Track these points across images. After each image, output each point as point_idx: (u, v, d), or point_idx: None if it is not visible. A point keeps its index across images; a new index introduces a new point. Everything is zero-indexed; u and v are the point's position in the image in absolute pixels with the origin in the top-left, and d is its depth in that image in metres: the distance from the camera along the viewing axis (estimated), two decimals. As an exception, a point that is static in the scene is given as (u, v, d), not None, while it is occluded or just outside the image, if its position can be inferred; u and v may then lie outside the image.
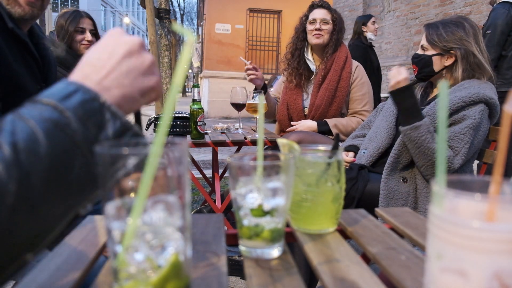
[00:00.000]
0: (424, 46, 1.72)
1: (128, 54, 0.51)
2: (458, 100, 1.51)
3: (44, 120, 0.42)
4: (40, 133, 0.41)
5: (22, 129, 0.40)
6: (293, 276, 0.54)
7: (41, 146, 0.40)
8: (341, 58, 2.38)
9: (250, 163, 0.58)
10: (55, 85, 0.46)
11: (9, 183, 0.38)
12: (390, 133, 1.72)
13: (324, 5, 2.43)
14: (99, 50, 0.51)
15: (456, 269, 0.34)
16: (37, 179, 0.39)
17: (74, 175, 0.42)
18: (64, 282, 0.53)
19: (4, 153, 0.39)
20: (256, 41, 12.42)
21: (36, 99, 0.44)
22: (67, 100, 0.44)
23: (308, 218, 0.70)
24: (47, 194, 0.40)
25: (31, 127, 0.41)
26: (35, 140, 0.40)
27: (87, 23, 2.42)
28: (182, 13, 37.30)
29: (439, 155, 0.37)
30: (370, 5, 8.95)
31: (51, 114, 0.42)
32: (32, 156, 0.39)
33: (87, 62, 0.50)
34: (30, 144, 0.40)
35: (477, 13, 6.36)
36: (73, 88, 0.45)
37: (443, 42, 1.65)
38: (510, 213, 0.34)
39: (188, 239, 0.43)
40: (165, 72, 5.95)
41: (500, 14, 3.42)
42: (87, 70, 0.49)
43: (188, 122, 2.18)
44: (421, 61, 1.72)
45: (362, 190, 1.54)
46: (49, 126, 0.41)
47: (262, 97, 0.70)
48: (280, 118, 2.50)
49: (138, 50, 0.52)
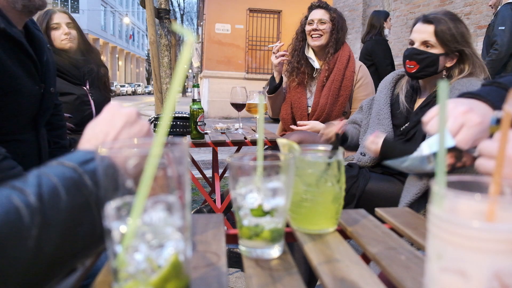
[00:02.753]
0: (429, 43, 1.56)
1: (127, 123, 0.58)
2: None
3: (65, 178, 0.47)
4: (62, 190, 0.45)
5: (47, 183, 0.45)
6: (293, 276, 0.54)
7: (62, 200, 0.45)
8: (344, 57, 2.38)
9: (250, 163, 0.58)
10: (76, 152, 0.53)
11: (32, 229, 0.41)
12: (388, 136, 1.69)
13: (322, 5, 2.42)
14: (100, 123, 0.58)
15: (456, 269, 0.34)
16: (54, 228, 0.43)
17: (82, 231, 0.46)
18: (64, 282, 0.53)
19: (30, 201, 0.43)
20: (256, 41, 12.42)
21: (59, 161, 0.50)
22: (85, 165, 0.49)
23: (308, 218, 0.70)
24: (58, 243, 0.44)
25: (54, 183, 0.45)
26: (57, 194, 0.45)
27: (61, 17, 2.35)
28: (182, 13, 37.30)
29: (439, 155, 0.37)
30: (370, 5, 8.94)
31: (71, 175, 0.48)
32: (54, 208, 0.44)
33: (92, 135, 0.57)
34: (53, 197, 0.44)
35: (477, 13, 6.36)
36: (91, 156, 0.51)
37: (454, 43, 1.54)
38: (510, 213, 0.34)
39: (188, 239, 0.43)
40: (165, 72, 5.95)
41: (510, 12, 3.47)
42: (94, 142, 0.56)
43: (188, 122, 2.18)
44: (426, 59, 1.56)
45: (362, 188, 1.54)
46: (69, 185, 0.46)
47: (262, 97, 0.70)
48: (283, 117, 2.50)
49: (136, 120, 0.59)
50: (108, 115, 0.58)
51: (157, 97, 5.42)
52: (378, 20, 4.36)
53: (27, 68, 1.15)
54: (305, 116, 2.42)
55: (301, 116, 2.42)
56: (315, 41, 2.37)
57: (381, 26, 4.34)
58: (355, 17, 9.26)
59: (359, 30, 9.05)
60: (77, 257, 0.47)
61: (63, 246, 0.44)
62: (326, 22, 2.36)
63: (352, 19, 9.15)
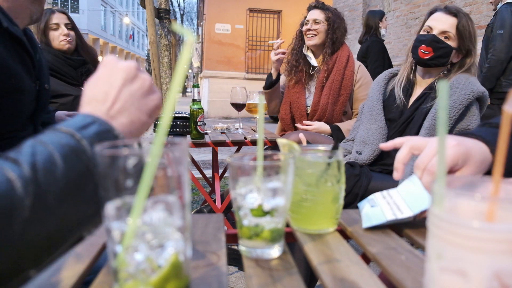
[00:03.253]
0: (449, 34, 1.56)
1: (127, 80, 0.54)
2: (457, 104, 1.49)
3: (62, 145, 0.45)
4: (58, 157, 0.44)
5: (42, 152, 0.44)
6: (293, 276, 0.54)
7: (58, 168, 0.43)
8: (343, 57, 2.38)
9: (250, 163, 0.58)
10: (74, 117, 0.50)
11: (25, 199, 0.40)
12: (382, 133, 1.68)
13: (318, 5, 2.45)
14: (98, 82, 0.54)
15: (456, 269, 0.34)
16: (52, 197, 0.42)
17: (84, 197, 0.45)
18: (64, 282, 0.53)
19: (23, 171, 0.41)
20: (256, 41, 12.42)
21: (56, 127, 0.48)
22: (84, 130, 0.48)
23: (308, 218, 0.70)
24: (59, 212, 0.43)
25: (50, 151, 0.44)
26: (53, 162, 0.43)
27: (60, 18, 2.34)
28: (182, 13, 37.30)
29: (439, 155, 0.37)
30: (370, 5, 8.94)
31: (69, 141, 0.46)
32: (49, 176, 0.43)
33: (91, 97, 0.54)
34: (48, 165, 0.43)
35: (477, 13, 6.36)
36: (90, 120, 0.49)
37: (467, 41, 1.55)
38: (510, 213, 0.34)
39: (188, 239, 0.43)
40: (165, 72, 5.95)
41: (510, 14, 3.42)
42: (93, 104, 0.53)
43: (188, 122, 2.18)
44: (442, 49, 1.56)
45: (366, 187, 1.53)
46: (66, 152, 0.45)
47: (262, 97, 0.70)
48: (282, 117, 2.50)
49: (136, 74, 0.55)
50: (105, 72, 0.55)
51: (157, 97, 5.40)
52: (373, 20, 4.35)
53: (27, 66, 1.17)
54: (304, 116, 2.42)
55: (300, 116, 2.42)
56: (309, 40, 2.40)
57: (377, 26, 4.33)
58: (355, 17, 9.26)
59: (359, 30, 9.04)
60: (82, 224, 0.46)
61: (66, 214, 0.44)
62: (321, 22, 2.38)
63: (352, 19, 9.15)
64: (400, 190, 0.77)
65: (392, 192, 0.77)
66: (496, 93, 3.62)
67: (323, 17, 2.38)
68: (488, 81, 3.60)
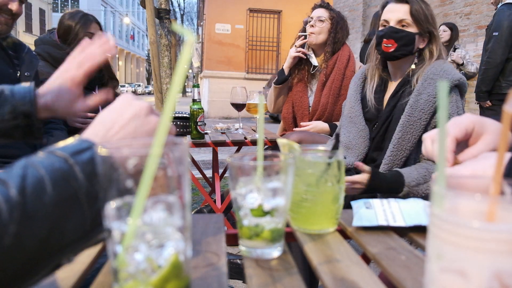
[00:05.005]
0: (405, 21, 1.55)
1: (135, 116, 0.56)
2: (431, 98, 1.46)
3: (54, 170, 0.44)
4: (48, 181, 0.43)
5: (32, 175, 0.42)
6: (293, 276, 0.54)
7: (47, 194, 0.42)
8: (344, 57, 2.39)
9: (250, 163, 0.58)
10: (71, 140, 0.50)
11: (10, 225, 0.39)
12: (363, 135, 1.64)
13: (322, 4, 2.46)
14: (110, 112, 0.56)
15: (456, 269, 0.34)
16: (38, 224, 0.41)
17: (70, 225, 0.44)
18: (64, 282, 0.53)
19: (10, 195, 0.40)
20: (256, 41, 12.43)
21: (50, 150, 0.47)
22: (78, 156, 0.46)
23: (308, 218, 0.70)
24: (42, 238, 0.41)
25: (41, 175, 0.43)
26: (42, 187, 0.42)
27: (95, 28, 2.35)
28: (182, 13, 37.31)
29: (439, 155, 0.37)
30: (370, 5, 8.94)
31: (61, 166, 0.45)
32: (38, 202, 0.41)
33: (99, 122, 0.55)
34: (37, 190, 0.42)
35: (477, 13, 6.36)
36: (85, 145, 0.48)
37: (426, 23, 1.55)
38: (510, 213, 0.34)
39: (188, 239, 0.43)
40: (165, 72, 5.95)
41: (506, 16, 3.40)
42: (97, 128, 0.54)
43: (188, 122, 2.18)
44: (404, 37, 1.55)
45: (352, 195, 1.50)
46: (57, 176, 0.43)
47: (262, 97, 0.70)
48: (284, 116, 2.51)
49: (145, 113, 0.56)
50: (118, 105, 0.57)
51: (157, 97, 5.42)
52: (375, 21, 4.37)
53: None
54: (306, 115, 2.42)
55: (302, 115, 2.43)
56: (311, 38, 2.40)
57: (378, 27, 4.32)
58: (355, 17, 9.26)
59: (359, 30, 9.05)
60: (64, 252, 0.45)
61: (49, 241, 0.42)
62: (325, 20, 2.38)
63: (352, 19, 9.15)
64: (400, 202, 0.77)
65: (392, 202, 0.78)
66: (496, 95, 3.62)
67: (327, 15, 2.39)
68: (485, 83, 3.60)
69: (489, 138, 0.72)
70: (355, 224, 0.72)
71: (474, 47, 6.26)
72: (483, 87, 3.62)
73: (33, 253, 0.41)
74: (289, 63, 2.43)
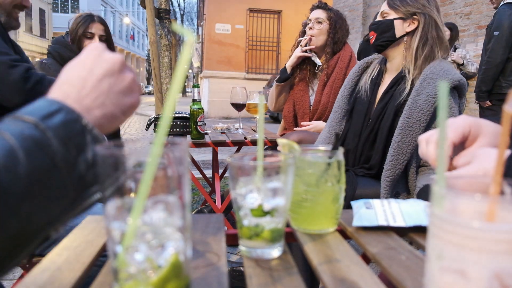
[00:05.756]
0: (384, 12, 1.62)
1: (108, 73, 0.50)
2: (430, 98, 1.45)
3: (25, 138, 0.40)
4: (20, 152, 0.39)
5: (2, 145, 0.39)
6: (293, 276, 0.54)
7: (20, 165, 0.39)
8: (346, 57, 2.39)
9: (250, 163, 0.58)
10: (37, 101, 0.44)
11: None
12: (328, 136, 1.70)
13: (320, 5, 2.46)
14: (78, 67, 0.50)
15: (456, 269, 0.34)
16: (14, 197, 0.38)
17: (50, 196, 0.41)
18: (64, 282, 0.53)
19: None
20: (256, 41, 12.43)
21: (16, 115, 0.42)
22: (49, 119, 0.42)
23: (308, 218, 0.70)
24: (21, 213, 0.39)
25: (11, 145, 0.39)
26: (14, 158, 0.39)
27: (97, 28, 2.35)
28: (182, 13, 37.31)
29: (440, 155, 0.37)
30: (370, 5, 8.94)
31: (32, 133, 0.40)
32: (11, 175, 0.38)
33: (66, 80, 0.49)
34: (9, 162, 0.38)
35: (477, 13, 6.36)
36: (55, 107, 0.44)
37: (406, 6, 1.57)
38: (510, 213, 0.34)
39: (188, 239, 0.43)
40: (165, 72, 5.96)
41: (506, 16, 3.40)
42: (66, 89, 0.48)
43: (188, 122, 2.18)
44: (381, 25, 1.61)
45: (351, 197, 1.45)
46: (29, 145, 0.40)
47: (262, 97, 0.70)
48: (285, 115, 2.51)
49: (120, 68, 0.51)
50: (88, 58, 0.50)
51: (157, 97, 5.42)
52: None
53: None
54: (307, 114, 2.42)
55: (303, 114, 2.43)
56: (311, 42, 2.42)
57: None
58: (355, 17, 9.26)
59: (359, 30, 9.05)
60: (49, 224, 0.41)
61: (29, 215, 0.39)
62: (323, 21, 2.38)
63: (352, 19, 9.15)
64: (401, 203, 0.77)
65: (392, 203, 0.78)
66: (496, 95, 3.62)
67: (325, 16, 2.39)
68: (485, 83, 3.60)
69: (485, 141, 0.72)
70: (355, 224, 0.72)
71: (474, 47, 6.26)
72: (483, 87, 3.62)
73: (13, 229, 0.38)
74: (292, 62, 2.43)
